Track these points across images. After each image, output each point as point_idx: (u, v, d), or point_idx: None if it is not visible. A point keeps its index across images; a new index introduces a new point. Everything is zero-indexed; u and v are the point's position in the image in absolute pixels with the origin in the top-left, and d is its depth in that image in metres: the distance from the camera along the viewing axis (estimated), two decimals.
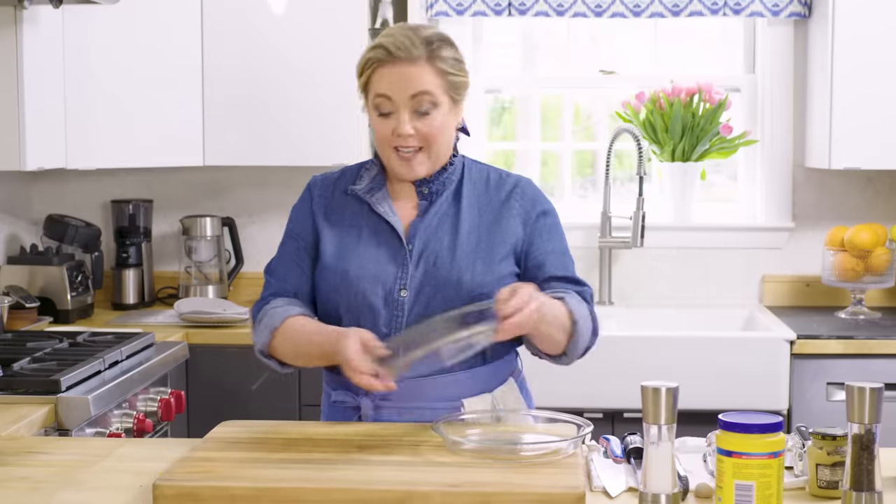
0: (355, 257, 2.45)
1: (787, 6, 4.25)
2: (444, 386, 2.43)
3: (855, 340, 3.74)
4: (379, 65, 2.39)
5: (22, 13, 3.44)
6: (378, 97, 2.39)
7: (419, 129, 2.40)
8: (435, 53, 2.40)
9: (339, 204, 2.53)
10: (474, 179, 2.54)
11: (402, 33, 2.40)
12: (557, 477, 1.97)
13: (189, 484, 1.94)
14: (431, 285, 2.42)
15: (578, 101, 4.70)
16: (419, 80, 2.38)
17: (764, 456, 1.86)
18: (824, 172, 4.33)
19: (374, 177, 2.53)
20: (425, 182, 2.49)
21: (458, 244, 2.44)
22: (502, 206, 2.50)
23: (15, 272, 3.99)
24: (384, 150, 2.45)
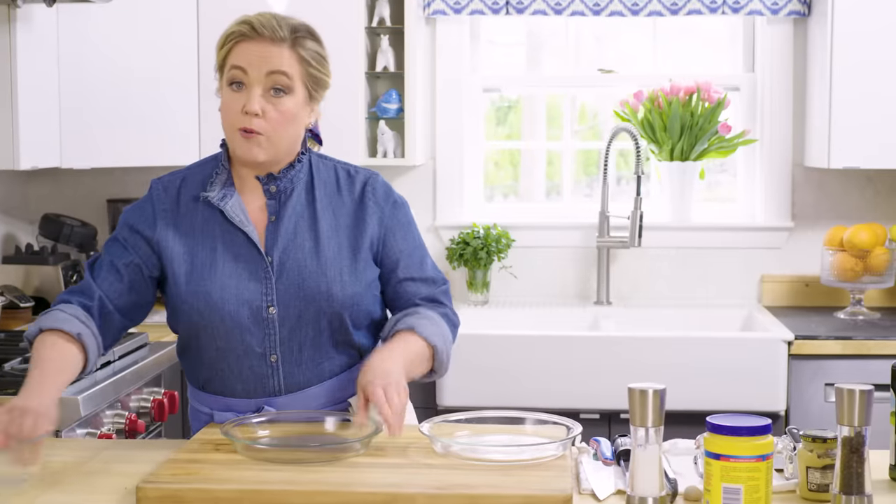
0: (215, 276, 2.33)
1: (787, 4, 4.23)
2: (328, 392, 2.41)
3: (853, 341, 3.71)
4: (242, 39, 2.33)
5: (15, 12, 3.42)
6: (234, 69, 2.32)
7: (268, 113, 2.31)
8: (298, 41, 2.35)
9: (188, 212, 2.40)
10: (324, 178, 2.44)
11: (269, 15, 2.36)
12: (545, 479, 1.96)
13: (173, 486, 1.93)
14: (300, 298, 2.35)
15: (585, 101, 4.68)
16: (278, 59, 2.31)
17: (752, 459, 1.84)
18: (824, 172, 4.31)
19: (224, 181, 2.41)
20: (272, 179, 2.38)
21: (320, 251, 2.37)
22: (357, 207, 2.43)
23: (10, 271, 3.98)
24: (227, 129, 2.35)
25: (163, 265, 2.39)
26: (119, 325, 2.42)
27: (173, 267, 2.37)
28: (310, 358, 2.38)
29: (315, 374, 2.40)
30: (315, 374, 2.40)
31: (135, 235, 2.40)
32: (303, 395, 2.39)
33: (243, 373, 2.38)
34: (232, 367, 2.38)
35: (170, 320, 2.46)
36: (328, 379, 2.41)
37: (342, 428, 2.26)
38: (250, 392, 2.38)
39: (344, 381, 2.43)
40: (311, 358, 2.39)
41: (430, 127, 4.42)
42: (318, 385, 2.40)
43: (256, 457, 2.08)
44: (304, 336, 2.37)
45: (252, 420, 2.26)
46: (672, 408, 3.58)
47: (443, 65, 4.41)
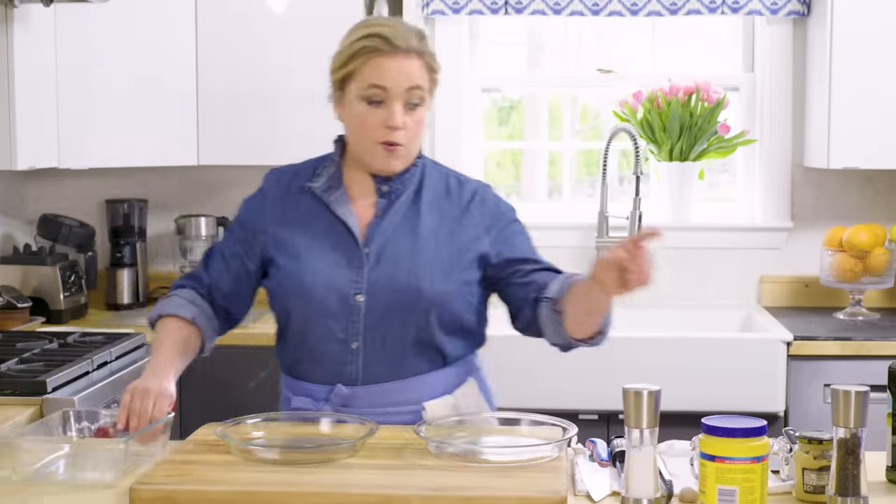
0: (310, 261, 2.41)
1: (786, 4, 4.22)
2: (406, 389, 2.42)
3: (852, 342, 3.70)
4: (375, 54, 2.34)
5: (12, 12, 3.41)
6: (372, 87, 2.34)
7: (407, 124, 2.37)
8: (424, 48, 2.39)
9: (294, 202, 2.48)
10: (434, 183, 2.49)
11: (395, 24, 2.37)
12: (539, 481, 1.95)
13: (166, 487, 1.93)
14: (389, 291, 2.38)
15: (586, 101, 4.68)
16: (415, 74, 2.36)
17: (747, 461, 1.83)
18: (823, 172, 4.30)
19: (332, 175, 2.48)
20: (386, 180, 2.44)
21: (417, 248, 2.41)
22: (462, 215, 2.47)
23: (8, 272, 3.97)
24: (365, 142, 2.39)
25: (265, 252, 2.47)
26: (224, 314, 2.55)
27: (273, 252, 2.46)
28: (391, 352, 2.40)
29: (395, 369, 2.41)
30: (395, 369, 2.41)
31: (244, 226, 2.51)
32: (379, 389, 2.41)
33: (324, 357, 2.41)
34: (314, 351, 2.43)
35: (270, 306, 2.52)
36: (408, 377, 2.42)
37: (337, 429, 2.25)
38: (329, 378, 2.41)
39: (423, 383, 2.43)
40: (392, 352, 2.40)
41: (429, 127, 4.40)
42: (397, 381, 2.41)
43: (251, 458, 2.08)
44: (389, 329, 2.39)
45: (247, 421, 2.25)
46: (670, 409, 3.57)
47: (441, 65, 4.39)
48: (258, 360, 3.79)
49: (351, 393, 2.40)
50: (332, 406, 2.41)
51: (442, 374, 2.45)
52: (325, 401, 2.42)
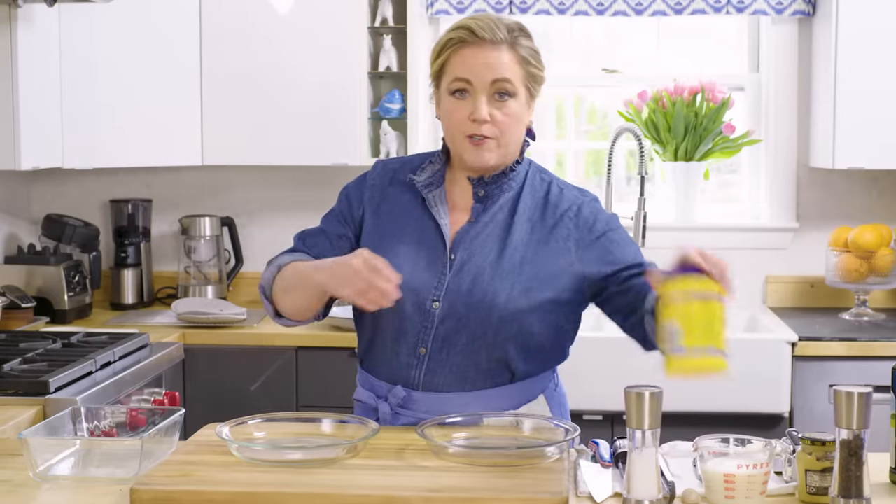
0: (393, 257, 2.29)
1: (791, 4, 4.21)
2: (467, 403, 2.35)
3: (857, 342, 3.69)
4: (461, 45, 2.30)
5: (16, 11, 3.42)
6: (457, 80, 2.31)
7: (494, 117, 2.31)
8: (517, 41, 2.34)
9: (393, 193, 2.44)
10: (535, 191, 2.42)
11: (485, 17, 2.34)
12: (540, 482, 1.94)
13: (166, 488, 1.92)
14: (465, 302, 2.32)
15: (594, 100, 4.67)
16: (501, 66, 2.30)
17: None
18: (828, 172, 4.29)
19: (436, 171, 2.43)
20: (483, 183, 2.38)
21: (501, 261, 2.33)
22: (554, 227, 2.38)
23: (12, 272, 3.97)
24: (455, 136, 2.34)
25: (356, 235, 2.45)
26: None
27: (363, 239, 2.42)
28: (457, 363, 2.34)
29: (457, 380, 2.35)
30: (457, 380, 2.35)
31: (343, 211, 2.47)
32: (437, 398, 2.35)
33: (391, 357, 2.37)
34: (383, 349, 2.39)
35: None
36: (469, 390, 2.36)
37: (338, 430, 2.24)
38: (392, 378, 2.38)
39: (485, 399, 2.36)
40: (458, 363, 2.34)
41: (434, 127, 4.40)
42: (457, 393, 2.35)
43: (251, 458, 2.07)
44: (458, 339, 2.33)
45: (248, 421, 2.24)
46: (674, 409, 3.58)
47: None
48: (262, 360, 3.80)
49: (408, 396, 2.36)
50: (390, 405, 2.38)
51: (507, 390, 2.38)
52: (383, 399, 2.38)
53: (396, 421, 2.38)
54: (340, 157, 4.04)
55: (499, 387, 2.37)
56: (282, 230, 4.42)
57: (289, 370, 3.79)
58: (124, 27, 3.88)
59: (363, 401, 2.44)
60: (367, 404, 2.42)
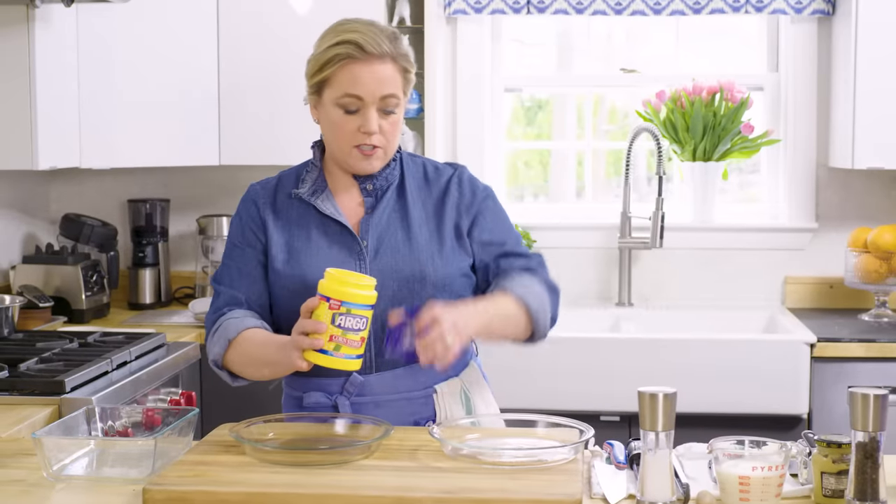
0: (310, 260, 2.43)
1: (811, 3, 4.18)
2: (415, 374, 2.44)
3: (877, 344, 3.67)
4: (349, 61, 2.35)
5: (34, 12, 3.42)
6: (347, 97, 2.36)
7: (382, 127, 2.39)
8: (398, 50, 2.39)
9: (284, 208, 2.50)
10: (413, 174, 2.53)
11: (367, 28, 2.37)
12: (554, 483, 1.93)
13: (179, 488, 1.92)
14: (394, 279, 2.41)
15: (615, 100, 4.66)
16: (388, 81, 2.37)
17: None
18: (848, 172, 4.26)
19: (315, 179, 2.50)
20: (369, 178, 2.47)
21: (412, 237, 2.44)
22: (443, 197, 2.50)
23: (30, 271, 3.98)
24: (343, 147, 2.42)
25: (266, 257, 2.48)
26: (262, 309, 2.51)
27: (273, 254, 2.46)
28: None
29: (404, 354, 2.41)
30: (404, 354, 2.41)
31: (249, 235, 2.50)
32: (391, 376, 2.43)
33: None
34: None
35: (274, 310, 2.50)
36: (416, 362, 2.38)
37: (351, 430, 2.24)
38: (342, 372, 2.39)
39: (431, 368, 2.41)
40: None
41: (451, 127, 4.40)
42: (407, 367, 2.43)
43: (265, 459, 2.07)
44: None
45: (261, 422, 2.24)
46: (693, 410, 3.58)
47: (463, 65, 4.39)
48: None
49: (365, 381, 2.42)
50: (346, 397, 2.42)
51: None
52: (339, 393, 2.43)
53: (357, 411, 2.42)
54: None
55: None
56: None
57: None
58: (142, 27, 3.88)
59: (317, 402, 2.45)
60: (322, 403, 2.44)
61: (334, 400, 2.43)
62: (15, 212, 4.16)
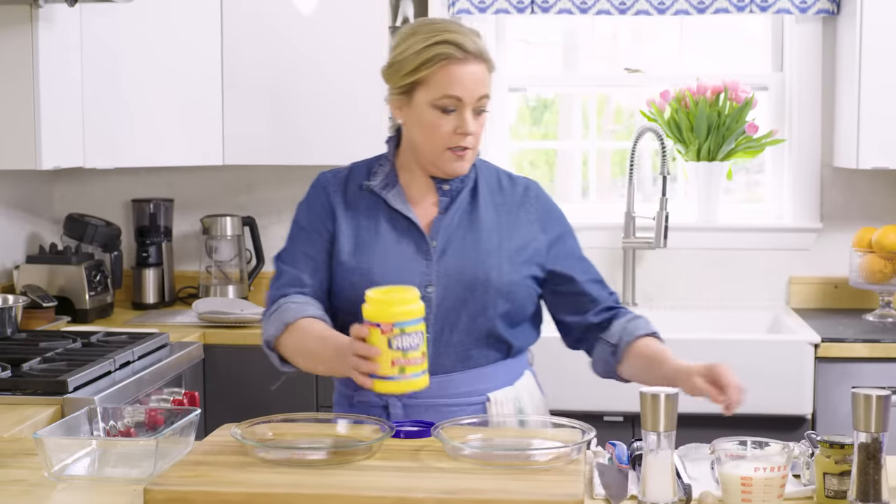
0: (377, 254, 2.42)
1: (815, 3, 4.17)
2: (471, 381, 2.44)
3: (881, 344, 3.66)
4: (449, 61, 2.33)
5: (37, 12, 3.42)
6: (447, 98, 2.34)
7: (475, 130, 2.39)
8: (485, 49, 2.40)
9: (354, 199, 2.49)
10: (487, 178, 2.53)
11: (457, 26, 2.37)
12: (556, 484, 1.93)
13: (180, 489, 1.92)
14: (459, 282, 2.40)
15: (621, 100, 4.65)
16: (484, 82, 2.39)
17: None
18: (852, 172, 4.25)
19: (387, 173, 2.49)
20: (446, 179, 2.47)
21: (480, 242, 2.43)
22: (518, 208, 2.50)
23: (34, 271, 3.98)
24: (435, 148, 2.39)
25: (329, 246, 2.46)
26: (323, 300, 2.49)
27: (340, 245, 2.45)
28: (459, 342, 2.41)
29: (461, 360, 2.43)
30: (461, 360, 2.43)
31: (316, 222, 2.48)
32: (446, 380, 2.42)
33: None
34: None
35: (335, 301, 2.49)
36: (474, 368, 2.44)
37: (353, 430, 2.24)
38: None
39: (487, 375, 2.46)
40: (460, 342, 2.42)
41: None
42: (463, 372, 2.43)
43: (266, 459, 2.07)
44: (457, 319, 2.40)
45: (263, 422, 2.24)
46: (696, 411, 3.56)
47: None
48: None
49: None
50: (398, 398, 2.40)
51: (504, 365, 2.48)
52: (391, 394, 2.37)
53: (408, 414, 2.42)
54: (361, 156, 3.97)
55: (497, 363, 2.47)
56: None
57: None
58: (145, 27, 3.88)
59: (367, 401, 2.45)
60: (374, 403, 2.43)
61: (385, 400, 2.41)
62: (19, 211, 4.16)
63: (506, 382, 2.49)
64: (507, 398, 2.47)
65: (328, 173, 2.55)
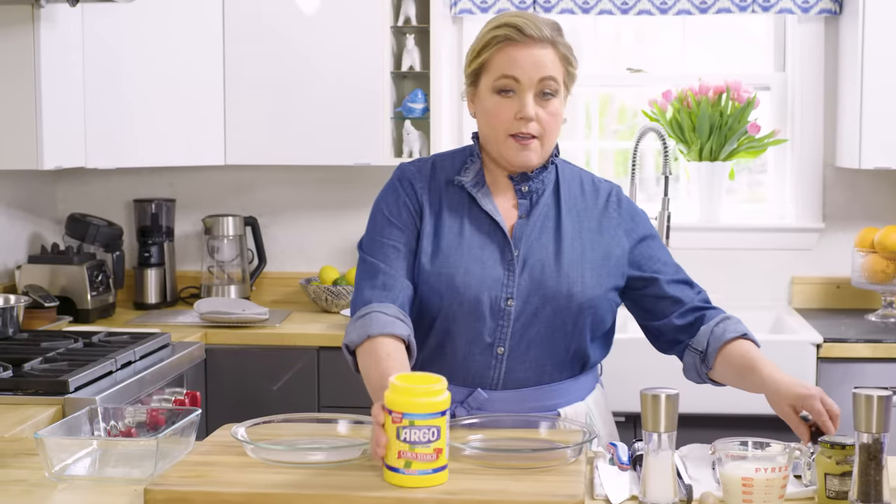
0: (461, 260, 2.33)
1: (818, 3, 4.17)
2: (544, 396, 2.38)
3: (883, 344, 3.65)
4: (507, 43, 2.29)
5: (39, 11, 3.43)
6: (503, 77, 2.29)
7: (539, 115, 2.31)
8: (559, 39, 2.33)
9: (440, 193, 2.41)
10: (569, 182, 2.44)
11: (527, 15, 2.32)
12: (556, 484, 1.93)
13: (180, 488, 1.91)
14: (539, 295, 2.32)
15: (624, 100, 4.64)
16: (547, 64, 2.30)
17: None
18: (855, 172, 4.25)
19: (478, 170, 2.41)
20: (525, 179, 2.39)
21: (562, 252, 2.35)
22: (602, 216, 2.42)
23: (36, 271, 3.98)
24: (498, 135, 2.33)
25: (417, 243, 2.38)
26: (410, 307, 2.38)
27: (422, 243, 2.37)
28: (535, 357, 2.36)
29: (536, 374, 2.37)
30: (536, 374, 2.37)
31: (406, 216, 2.39)
32: (518, 394, 2.36)
33: (467, 360, 2.35)
34: (457, 353, 2.36)
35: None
36: (548, 383, 2.38)
37: (354, 431, 2.24)
38: (468, 381, 2.36)
39: (561, 390, 2.39)
40: (536, 357, 2.36)
41: (457, 127, 4.39)
42: (536, 387, 2.37)
43: (267, 460, 2.06)
44: (536, 333, 2.34)
45: (264, 422, 2.24)
46: (699, 411, 3.57)
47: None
48: (284, 360, 3.79)
49: (489, 397, 2.36)
50: (465, 409, 2.35)
51: (578, 380, 2.42)
52: (459, 403, 2.35)
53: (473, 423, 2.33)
54: (363, 157, 4.03)
55: (572, 378, 2.42)
56: (305, 230, 4.43)
57: (311, 370, 3.79)
58: (147, 27, 3.88)
59: None
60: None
61: (454, 409, 2.33)
62: (21, 212, 4.16)
63: (578, 398, 2.42)
64: (578, 412, 2.40)
65: (411, 165, 2.44)
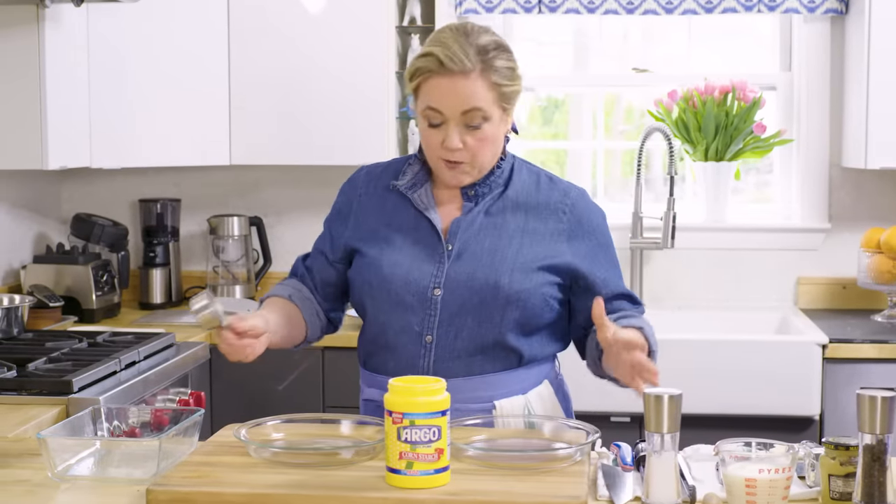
0: (390, 254, 2.42)
1: (824, 3, 4.16)
2: (477, 387, 2.40)
3: (889, 345, 3.64)
4: (430, 75, 2.31)
5: (44, 12, 3.42)
6: (429, 109, 2.33)
7: (468, 143, 2.34)
8: (489, 65, 2.31)
9: (381, 197, 2.49)
10: (524, 182, 2.47)
11: (455, 41, 2.30)
12: (559, 485, 1.92)
13: (183, 489, 1.91)
14: (467, 287, 2.37)
15: (631, 100, 4.64)
16: (471, 97, 2.30)
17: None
18: (861, 172, 4.24)
19: (416, 172, 2.48)
20: (470, 185, 2.44)
21: (498, 247, 2.40)
22: (549, 216, 2.44)
23: (41, 271, 3.98)
24: (430, 158, 2.41)
25: (350, 243, 2.50)
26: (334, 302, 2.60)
27: (357, 242, 2.48)
28: (464, 348, 2.39)
29: (466, 365, 2.40)
30: (466, 365, 2.40)
31: (338, 212, 2.55)
32: (450, 385, 2.29)
33: (398, 349, 2.42)
34: (389, 343, 2.43)
35: (350, 297, 2.56)
36: (478, 374, 2.40)
37: (356, 431, 2.23)
38: (400, 370, 2.38)
39: (495, 383, 2.41)
40: (465, 348, 2.39)
41: None
42: (466, 378, 2.39)
43: (269, 460, 2.06)
44: (463, 324, 2.38)
45: (266, 422, 2.23)
46: (704, 412, 3.57)
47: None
48: (289, 361, 3.79)
49: None
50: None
51: (515, 374, 2.43)
52: None
53: None
54: (368, 156, 3.99)
55: (506, 371, 2.43)
56: (310, 230, 4.40)
57: (315, 370, 3.79)
58: (152, 27, 3.88)
59: (372, 399, 2.46)
60: (378, 402, 2.41)
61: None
62: (26, 211, 4.16)
63: (516, 391, 2.43)
64: (515, 405, 2.42)
65: (366, 167, 2.57)
